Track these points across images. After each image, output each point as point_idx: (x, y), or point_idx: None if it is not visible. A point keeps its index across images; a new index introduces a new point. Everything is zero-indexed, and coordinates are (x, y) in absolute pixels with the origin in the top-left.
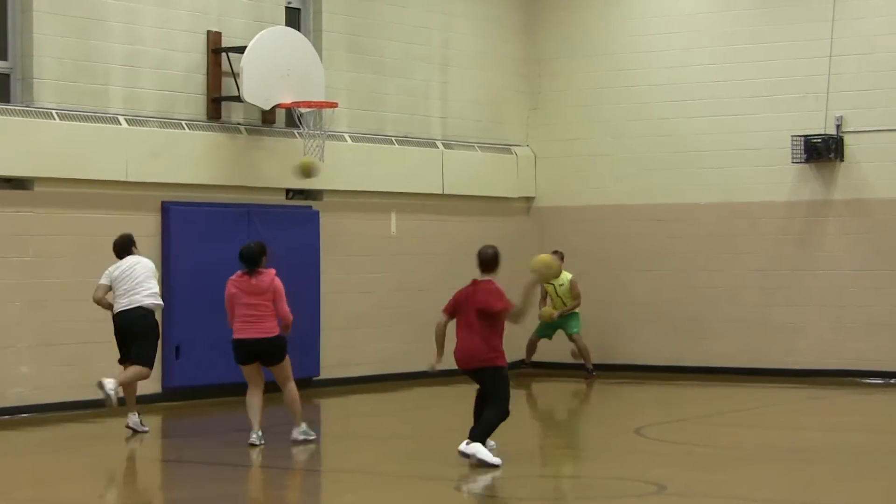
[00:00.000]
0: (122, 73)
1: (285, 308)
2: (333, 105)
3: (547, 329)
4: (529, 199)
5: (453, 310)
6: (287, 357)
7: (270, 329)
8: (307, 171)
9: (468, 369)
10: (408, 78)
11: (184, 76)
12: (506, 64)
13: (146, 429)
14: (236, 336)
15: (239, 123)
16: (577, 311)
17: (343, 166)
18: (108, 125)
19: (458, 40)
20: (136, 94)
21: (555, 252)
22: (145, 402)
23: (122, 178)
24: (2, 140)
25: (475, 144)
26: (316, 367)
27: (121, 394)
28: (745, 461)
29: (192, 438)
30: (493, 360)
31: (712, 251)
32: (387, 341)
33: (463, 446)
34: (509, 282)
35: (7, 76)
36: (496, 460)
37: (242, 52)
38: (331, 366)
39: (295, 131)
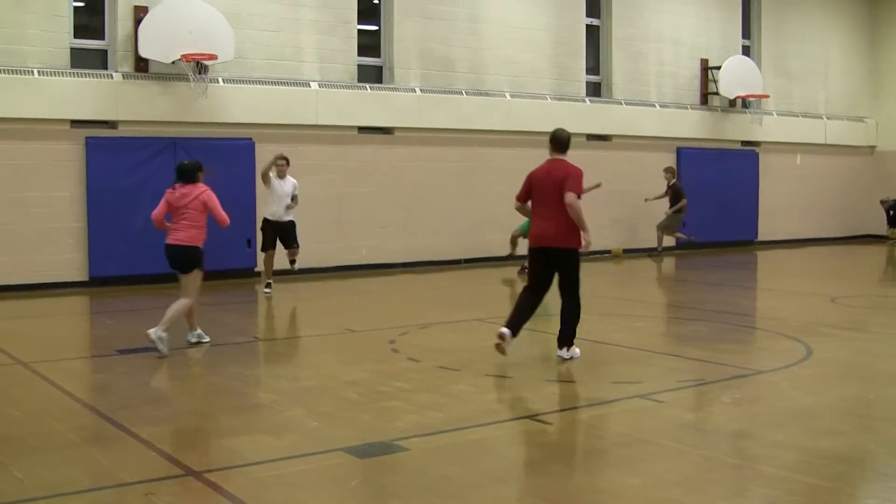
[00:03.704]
0: (657, 80)
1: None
2: (765, 97)
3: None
4: (872, 147)
5: (527, 194)
6: (196, 271)
7: (183, 239)
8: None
9: (541, 248)
10: (807, 82)
11: (688, 81)
12: (859, 69)
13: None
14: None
15: (716, 106)
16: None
17: (772, 130)
18: (649, 106)
19: (835, 56)
20: (664, 90)
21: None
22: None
23: (657, 135)
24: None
25: (843, 117)
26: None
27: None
28: None
29: None
30: (568, 242)
31: None
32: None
33: (562, 353)
34: (855, 206)
35: (597, 82)
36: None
37: (719, 69)
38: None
39: (731, 111)
